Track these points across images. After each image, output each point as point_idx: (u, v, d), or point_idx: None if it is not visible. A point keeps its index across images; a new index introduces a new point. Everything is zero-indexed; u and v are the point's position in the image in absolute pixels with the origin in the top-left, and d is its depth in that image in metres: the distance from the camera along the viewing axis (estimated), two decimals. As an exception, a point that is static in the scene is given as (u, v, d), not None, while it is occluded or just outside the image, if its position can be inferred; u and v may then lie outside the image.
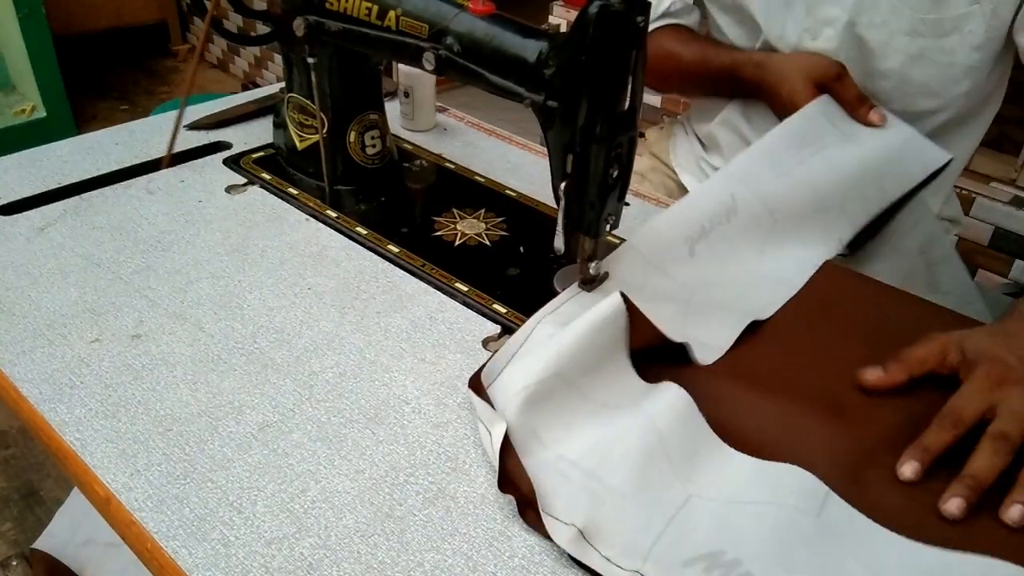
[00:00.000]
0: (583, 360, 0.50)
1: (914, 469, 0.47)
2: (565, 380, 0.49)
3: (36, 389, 0.52)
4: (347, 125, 0.74)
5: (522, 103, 0.57)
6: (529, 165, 0.85)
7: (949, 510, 0.44)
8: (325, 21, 0.67)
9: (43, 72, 2.15)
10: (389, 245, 0.68)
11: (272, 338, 0.58)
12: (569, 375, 0.50)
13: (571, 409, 0.49)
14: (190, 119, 0.87)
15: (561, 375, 0.49)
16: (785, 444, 0.49)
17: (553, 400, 0.49)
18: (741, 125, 0.89)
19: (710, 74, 0.87)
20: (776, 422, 0.51)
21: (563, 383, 0.49)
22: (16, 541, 1.22)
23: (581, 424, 0.49)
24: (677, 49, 0.88)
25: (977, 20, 0.74)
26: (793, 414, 0.52)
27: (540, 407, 0.48)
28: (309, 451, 0.49)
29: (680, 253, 0.62)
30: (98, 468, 0.47)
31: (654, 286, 0.60)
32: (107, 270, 0.64)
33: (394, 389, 0.54)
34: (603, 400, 0.50)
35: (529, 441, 0.47)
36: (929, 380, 0.53)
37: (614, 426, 0.48)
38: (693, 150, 0.98)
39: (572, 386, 0.50)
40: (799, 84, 0.77)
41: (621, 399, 0.51)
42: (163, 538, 0.43)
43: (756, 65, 0.82)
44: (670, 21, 0.91)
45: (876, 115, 0.75)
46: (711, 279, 0.62)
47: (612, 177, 0.55)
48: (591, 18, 0.50)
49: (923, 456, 0.47)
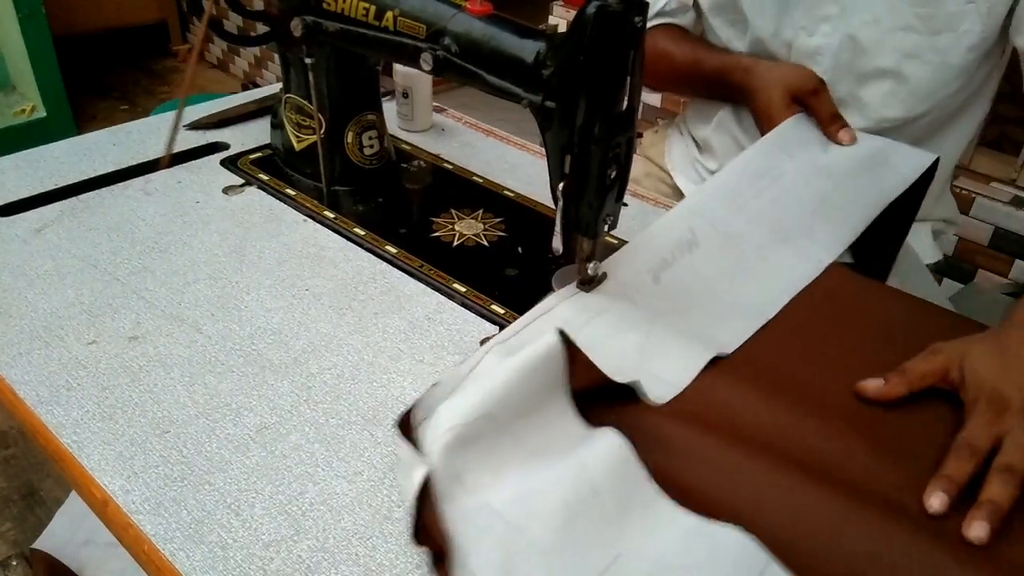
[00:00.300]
0: (517, 402, 0.46)
1: (942, 501, 0.45)
2: (496, 422, 0.45)
3: (33, 391, 0.52)
4: (345, 126, 0.74)
5: (520, 104, 0.57)
6: (527, 165, 0.85)
7: (976, 534, 0.44)
8: (322, 21, 0.67)
9: (43, 72, 2.15)
10: (387, 246, 0.68)
11: (270, 340, 0.58)
12: (501, 417, 0.45)
13: (501, 454, 0.45)
14: (191, 119, 0.88)
15: (492, 417, 0.45)
16: (738, 499, 0.45)
17: (482, 443, 0.45)
18: (735, 130, 0.90)
19: (701, 75, 0.87)
20: (733, 473, 0.47)
21: (494, 425, 0.45)
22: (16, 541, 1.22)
23: (511, 470, 0.45)
24: (671, 49, 0.89)
25: (972, 19, 0.74)
26: (754, 467, 0.47)
27: (468, 449, 0.44)
28: (307, 453, 0.49)
29: (644, 281, 0.60)
30: (95, 470, 0.47)
31: (618, 311, 0.57)
32: (104, 271, 0.64)
33: (392, 390, 0.54)
34: (536, 445, 0.46)
35: (452, 486, 0.43)
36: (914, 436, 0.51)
37: (545, 474, 0.44)
38: (688, 152, 0.98)
39: (504, 429, 0.45)
40: (776, 94, 0.77)
41: (557, 444, 0.46)
42: (161, 541, 0.43)
43: (745, 70, 0.82)
44: (665, 20, 0.91)
45: (846, 135, 0.74)
46: (678, 305, 0.59)
47: (610, 177, 0.55)
48: (589, 18, 0.50)
49: (948, 486, 0.46)
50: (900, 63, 0.77)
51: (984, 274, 1.40)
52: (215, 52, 2.89)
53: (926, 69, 0.77)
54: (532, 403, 0.47)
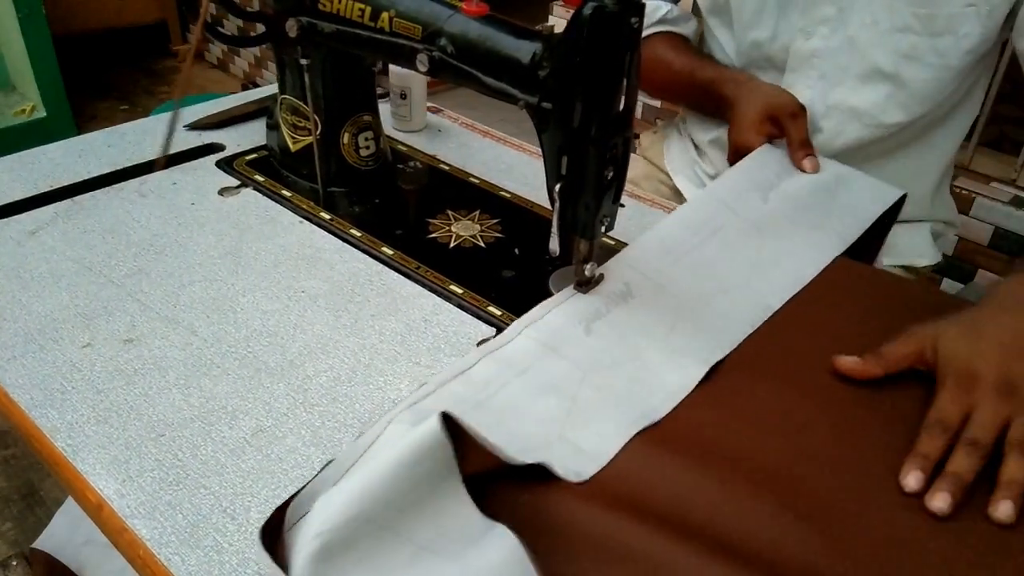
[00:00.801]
0: (400, 496, 0.40)
1: (918, 479, 0.46)
2: (375, 524, 0.39)
3: (27, 394, 0.52)
4: (341, 127, 0.74)
5: (516, 105, 0.57)
6: (524, 166, 0.85)
7: (937, 505, 0.45)
8: (318, 22, 0.67)
9: (43, 72, 2.15)
10: (383, 247, 0.68)
11: (265, 342, 0.57)
12: (381, 517, 0.40)
13: (385, 554, 0.40)
14: (190, 119, 0.87)
15: (369, 518, 0.39)
16: None
17: (361, 546, 0.39)
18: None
19: (694, 85, 0.87)
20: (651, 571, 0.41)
21: (372, 527, 0.39)
22: (16, 541, 1.22)
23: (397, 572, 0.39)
24: (669, 57, 0.89)
25: (972, 22, 0.73)
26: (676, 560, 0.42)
27: (341, 557, 0.38)
28: (303, 456, 0.49)
29: (575, 332, 0.55)
30: (90, 474, 0.47)
31: (543, 369, 0.52)
32: (99, 274, 0.64)
33: (389, 393, 0.54)
34: (428, 539, 0.41)
35: None
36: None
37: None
38: (687, 154, 0.97)
39: (387, 526, 0.40)
40: (752, 111, 0.77)
41: (452, 535, 0.41)
42: (156, 545, 0.43)
43: (735, 83, 0.82)
44: (666, 28, 0.91)
45: (810, 163, 0.74)
46: (611, 358, 0.54)
47: (607, 179, 0.55)
48: (585, 19, 0.50)
49: (924, 464, 0.47)
50: (899, 65, 0.77)
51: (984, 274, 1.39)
52: (215, 52, 2.89)
53: (925, 72, 0.77)
54: (421, 493, 0.41)
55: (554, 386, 0.51)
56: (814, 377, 0.55)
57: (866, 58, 0.78)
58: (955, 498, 0.45)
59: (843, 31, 0.78)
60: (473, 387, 0.50)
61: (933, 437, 0.48)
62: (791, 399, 0.53)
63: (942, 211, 0.92)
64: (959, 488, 0.45)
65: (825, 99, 0.82)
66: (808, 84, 0.82)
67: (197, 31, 0.73)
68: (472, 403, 0.49)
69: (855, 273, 0.66)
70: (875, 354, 0.54)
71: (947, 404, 0.49)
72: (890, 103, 0.79)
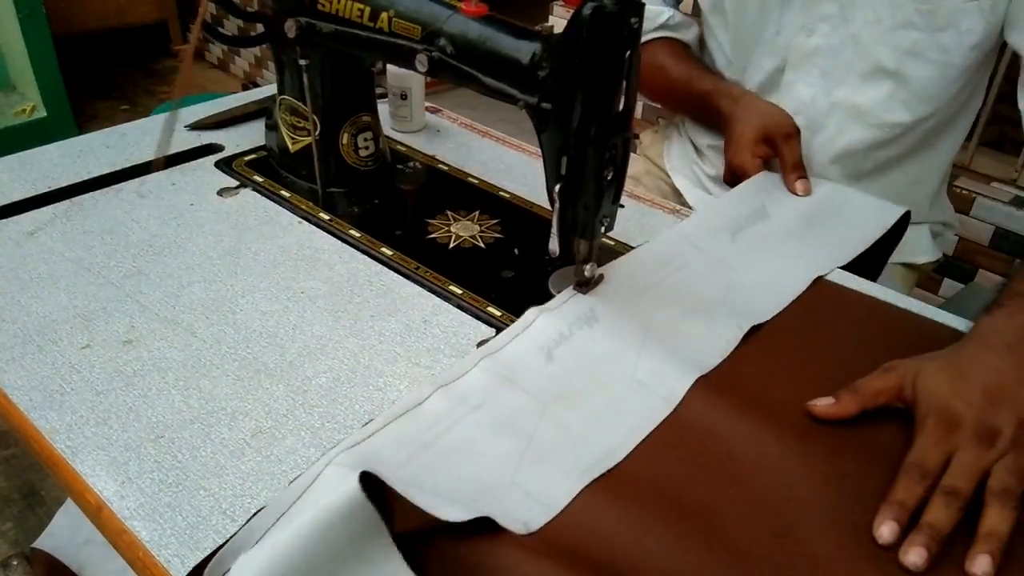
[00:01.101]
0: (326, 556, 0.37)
1: (892, 530, 0.43)
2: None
3: (26, 396, 0.52)
4: (340, 127, 0.74)
5: (516, 105, 0.57)
6: (523, 166, 0.84)
7: (912, 560, 0.42)
8: (316, 23, 0.66)
9: (43, 72, 2.15)
10: (383, 248, 0.68)
11: (265, 343, 0.57)
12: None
13: None
14: (190, 119, 0.87)
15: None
16: None
17: None
18: None
19: (690, 94, 0.87)
20: None
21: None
22: (17, 541, 1.22)
23: None
24: (667, 64, 0.89)
25: (974, 17, 0.73)
26: None
27: None
28: (303, 457, 0.49)
29: (536, 361, 0.53)
30: (89, 476, 0.47)
31: (498, 404, 0.50)
32: (98, 275, 0.64)
33: (388, 394, 0.54)
34: None
35: None
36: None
37: None
38: (687, 154, 0.97)
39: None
40: (748, 132, 0.77)
41: None
42: (155, 547, 0.43)
43: (732, 98, 0.82)
44: (667, 34, 0.91)
45: (801, 186, 0.75)
46: (573, 388, 0.52)
47: (607, 179, 0.55)
48: (585, 19, 0.50)
49: (899, 514, 0.44)
50: (901, 62, 0.77)
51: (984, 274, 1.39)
52: (215, 52, 2.89)
53: (928, 69, 0.77)
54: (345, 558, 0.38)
55: (510, 423, 0.49)
56: (785, 412, 0.51)
57: (868, 55, 0.78)
58: (931, 552, 0.42)
59: (845, 28, 0.78)
60: (422, 425, 0.47)
61: (911, 483, 0.45)
62: (758, 439, 0.49)
63: (940, 213, 0.92)
64: (935, 542, 0.43)
65: (827, 97, 0.82)
66: (809, 82, 0.82)
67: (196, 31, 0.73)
68: (419, 444, 0.46)
69: (832, 298, 0.63)
70: (850, 390, 0.51)
71: (927, 446, 0.47)
72: (893, 101, 0.79)
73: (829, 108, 0.82)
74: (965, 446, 0.46)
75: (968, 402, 0.48)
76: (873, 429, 0.51)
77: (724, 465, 0.48)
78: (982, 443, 0.46)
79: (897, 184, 0.85)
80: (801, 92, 0.83)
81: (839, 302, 0.63)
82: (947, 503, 0.44)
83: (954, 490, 0.45)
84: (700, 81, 0.87)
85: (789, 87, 0.83)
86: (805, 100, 0.82)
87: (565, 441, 0.48)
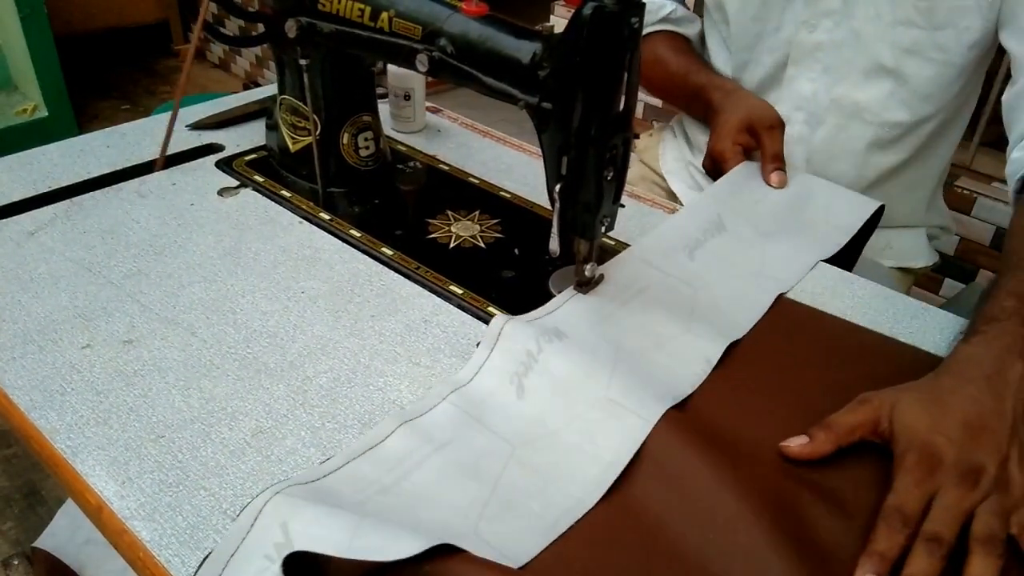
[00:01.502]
0: None
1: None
2: None
3: (26, 396, 0.52)
4: (340, 127, 0.74)
5: (516, 105, 0.57)
6: (523, 166, 0.84)
7: None
8: (317, 22, 0.66)
9: (45, 72, 2.15)
10: (383, 248, 0.68)
11: (265, 343, 0.57)
12: None
13: None
14: (191, 119, 0.87)
15: None
16: None
17: None
18: None
19: (687, 88, 0.88)
20: None
21: None
22: (18, 540, 1.23)
23: None
24: (667, 57, 0.90)
25: (973, 15, 0.73)
26: None
27: None
28: (303, 457, 0.49)
29: (506, 397, 0.50)
30: (89, 476, 0.47)
31: (464, 443, 0.47)
32: (98, 275, 0.64)
33: (389, 394, 0.54)
34: None
35: None
36: None
37: None
38: (683, 155, 0.97)
39: None
40: (732, 120, 0.78)
41: None
42: (156, 547, 0.43)
43: (723, 92, 0.83)
44: (668, 27, 0.91)
45: (776, 178, 0.75)
46: (545, 427, 0.49)
47: (607, 179, 0.55)
48: (585, 19, 0.50)
49: (880, 566, 0.42)
50: (900, 60, 0.77)
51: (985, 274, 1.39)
52: (216, 52, 2.89)
53: (927, 68, 0.77)
54: None
55: (475, 467, 0.46)
56: (759, 451, 0.49)
57: (869, 52, 0.78)
58: None
59: (847, 24, 0.78)
60: (383, 466, 0.45)
61: (892, 531, 0.43)
62: (728, 479, 0.46)
63: (936, 217, 0.92)
64: None
65: (828, 93, 0.82)
66: (811, 78, 0.82)
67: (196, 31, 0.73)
68: (378, 487, 0.44)
69: (801, 321, 0.61)
70: (824, 427, 0.49)
71: (907, 488, 0.44)
72: (892, 100, 0.79)
73: (830, 104, 0.82)
74: (947, 486, 0.44)
75: (948, 437, 0.46)
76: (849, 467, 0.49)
77: (699, 512, 0.45)
78: (965, 483, 0.44)
79: (896, 188, 0.85)
80: (802, 88, 0.83)
81: (809, 324, 0.61)
82: (930, 551, 0.42)
83: (937, 536, 0.43)
84: (696, 75, 0.87)
85: (791, 82, 0.83)
86: (806, 96, 0.83)
87: (530, 491, 0.46)
